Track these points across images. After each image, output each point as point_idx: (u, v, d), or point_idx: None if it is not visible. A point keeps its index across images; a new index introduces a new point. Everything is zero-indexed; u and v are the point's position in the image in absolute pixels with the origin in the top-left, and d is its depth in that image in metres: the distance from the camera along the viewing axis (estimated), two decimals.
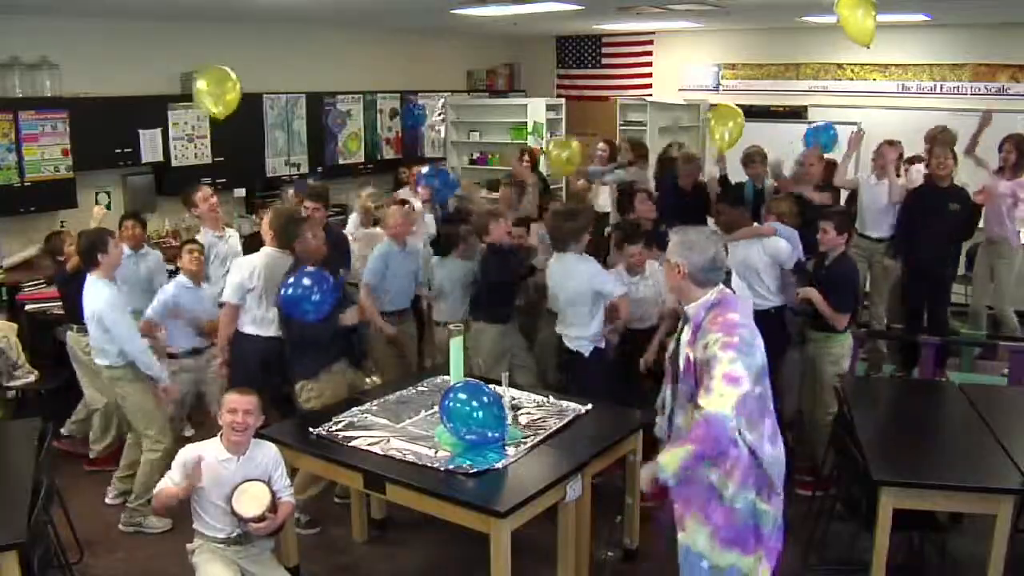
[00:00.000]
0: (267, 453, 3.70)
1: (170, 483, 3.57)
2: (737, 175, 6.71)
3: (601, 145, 7.98)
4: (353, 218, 6.47)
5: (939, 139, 6.38)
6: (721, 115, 6.56)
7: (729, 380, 2.90)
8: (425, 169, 6.70)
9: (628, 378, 5.05)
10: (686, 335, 3.15)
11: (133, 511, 4.68)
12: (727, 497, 3.06)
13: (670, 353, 3.32)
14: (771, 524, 3.13)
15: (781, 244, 5.04)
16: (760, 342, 3.07)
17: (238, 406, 3.56)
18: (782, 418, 3.50)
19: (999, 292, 6.50)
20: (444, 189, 6.47)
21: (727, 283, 3.32)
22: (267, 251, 4.87)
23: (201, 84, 5.60)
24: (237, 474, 3.57)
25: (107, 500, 4.92)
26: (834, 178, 6.27)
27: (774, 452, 3.10)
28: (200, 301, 4.99)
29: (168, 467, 3.69)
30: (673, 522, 3.21)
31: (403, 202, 5.70)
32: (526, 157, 7.59)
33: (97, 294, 4.45)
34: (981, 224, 6.59)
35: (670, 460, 2.99)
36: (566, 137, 7.14)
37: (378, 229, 5.85)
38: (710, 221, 6.01)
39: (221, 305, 4.95)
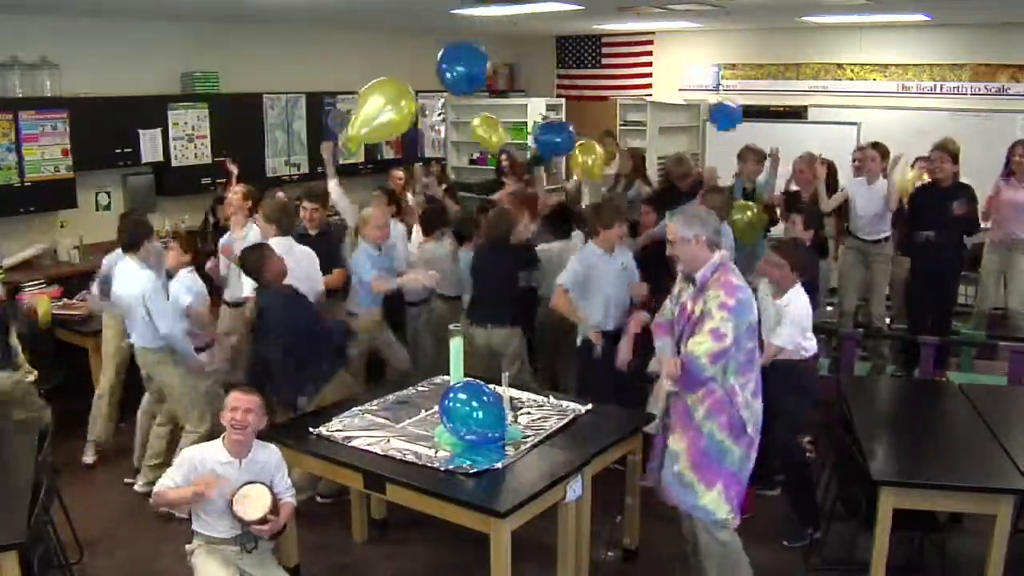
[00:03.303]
0: (270, 456, 3.69)
1: (171, 483, 3.56)
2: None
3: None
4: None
5: (940, 144, 6.38)
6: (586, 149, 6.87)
7: (715, 336, 3.34)
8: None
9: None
10: (688, 293, 3.52)
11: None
12: (696, 419, 3.50)
13: (662, 313, 3.74)
14: (737, 463, 3.52)
15: None
16: (755, 302, 3.51)
17: (239, 404, 3.54)
18: None
19: (1015, 292, 6.48)
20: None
21: None
22: (275, 242, 4.90)
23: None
24: (240, 477, 3.56)
25: (136, 488, 4.94)
26: (821, 204, 6.18)
27: (753, 402, 3.52)
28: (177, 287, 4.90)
29: None
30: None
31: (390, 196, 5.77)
32: (504, 158, 7.65)
33: (141, 277, 4.59)
34: (987, 224, 6.59)
35: (662, 357, 3.61)
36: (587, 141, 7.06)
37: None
38: None
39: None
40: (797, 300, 4.39)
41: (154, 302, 4.57)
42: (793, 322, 4.35)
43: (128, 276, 4.67)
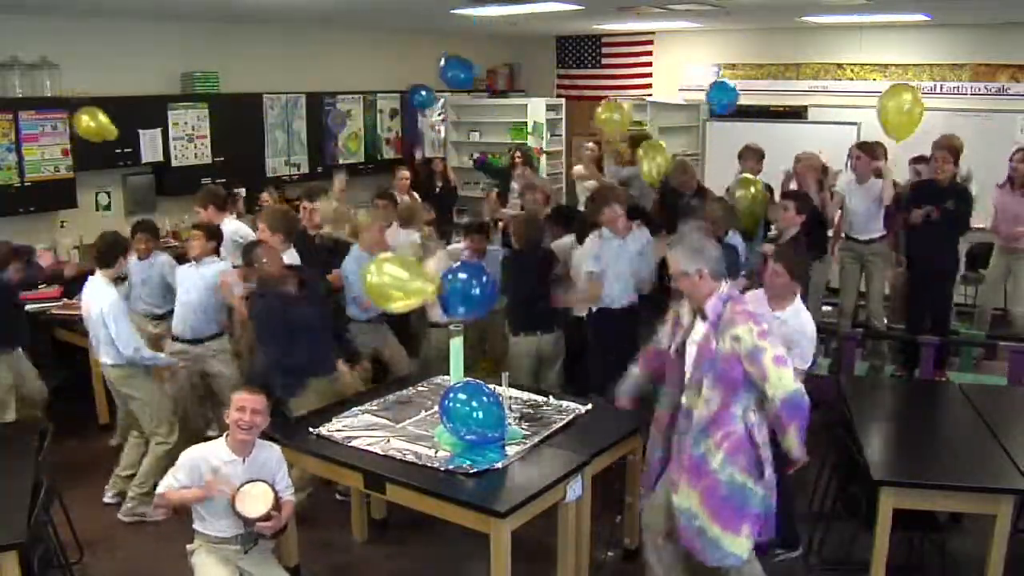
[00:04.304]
0: (272, 454, 3.69)
1: (175, 483, 3.56)
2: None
3: (590, 145, 8.00)
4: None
5: (941, 143, 6.38)
6: (651, 148, 6.66)
7: (779, 362, 3.20)
8: None
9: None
10: (700, 329, 3.36)
11: (136, 500, 4.73)
12: (713, 466, 3.31)
13: (677, 345, 3.49)
14: (761, 503, 3.35)
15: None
16: None
17: (247, 404, 3.54)
18: None
19: (1017, 293, 6.50)
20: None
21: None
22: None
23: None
24: (243, 476, 3.56)
25: (105, 499, 4.92)
26: (827, 211, 6.17)
27: (767, 435, 3.35)
28: (190, 280, 4.95)
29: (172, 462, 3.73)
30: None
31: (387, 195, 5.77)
32: (517, 155, 7.91)
33: (106, 294, 4.59)
34: (984, 225, 6.60)
35: (794, 446, 3.28)
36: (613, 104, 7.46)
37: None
38: None
39: None
40: (803, 314, 4.08)
41: (116, 323, 4.53)
42: (810, 337, 4.05)
43: (93, 293, 4.65)
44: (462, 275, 4.03)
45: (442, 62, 7.31)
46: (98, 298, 4.59)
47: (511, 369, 5.34)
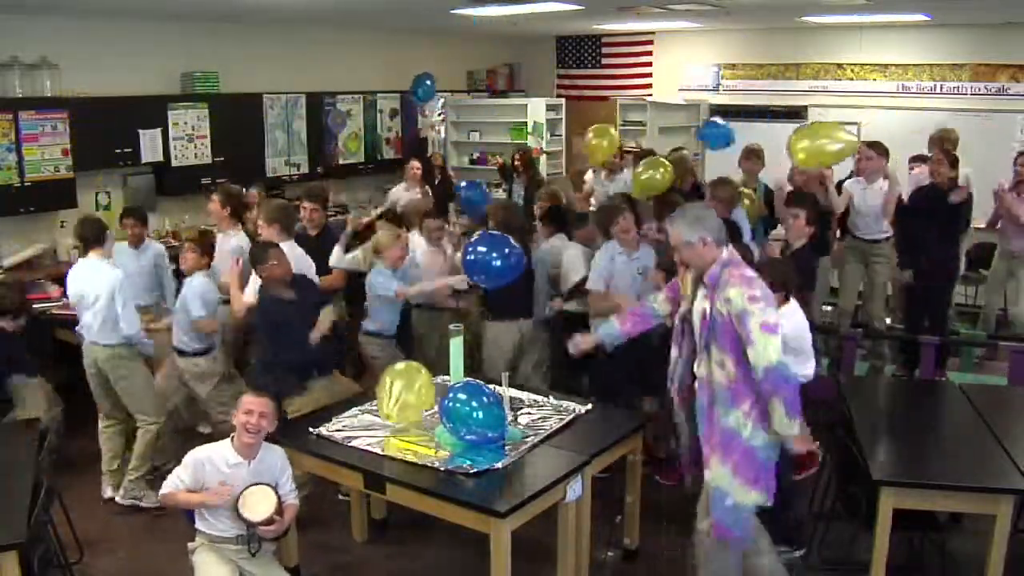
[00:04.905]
0: (276, 457, 3.70)
1: (179, 483, 3.57)
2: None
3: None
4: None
5: (939, 142, 6.38)
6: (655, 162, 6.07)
7: (766, 328, 3.18)
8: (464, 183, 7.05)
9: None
10: (701, 295, 3.40)
11: (132, 484, 4.80)
12: (745, 435, 3.32)
13: (682, 314, 3.58)
14: (776, 453, 3.40)
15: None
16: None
17: (254, 407, 3.56)
18: None
19: (1018, 296, 6.50)
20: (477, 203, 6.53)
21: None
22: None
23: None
24: (248, 479, 3.57)
25: (104, 495, 4.93)
26: (833, 205, 6.10)
27: None
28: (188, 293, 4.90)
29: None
30: (692, 470, 3.60)
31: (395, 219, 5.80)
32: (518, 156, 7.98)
33: (110, 273, 4.65)
34: (980, 224, 6.60)
35: (782, 424, 3.24)
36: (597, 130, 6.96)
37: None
38: None
39: None
40: (789, 320, 3.92)
41: (126, 300, 4.58)
42: (787, 344, 3.75)
43: (92, 274, 4.68)
44: (482, 247, 4.16)
45: (462, 183, 7.44)
46: (102, 278, 4.61)
47: (488, 355, 5.35)
